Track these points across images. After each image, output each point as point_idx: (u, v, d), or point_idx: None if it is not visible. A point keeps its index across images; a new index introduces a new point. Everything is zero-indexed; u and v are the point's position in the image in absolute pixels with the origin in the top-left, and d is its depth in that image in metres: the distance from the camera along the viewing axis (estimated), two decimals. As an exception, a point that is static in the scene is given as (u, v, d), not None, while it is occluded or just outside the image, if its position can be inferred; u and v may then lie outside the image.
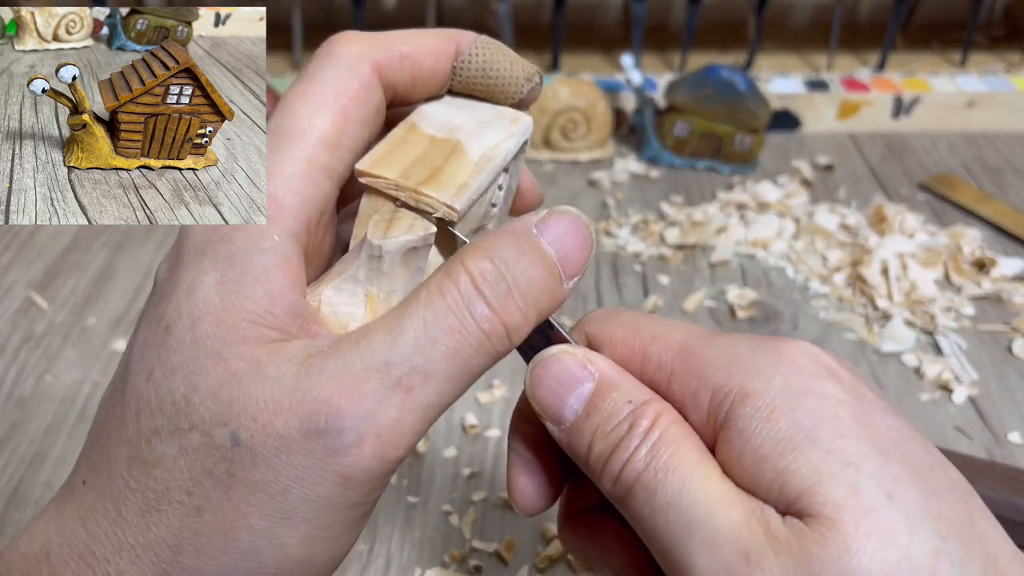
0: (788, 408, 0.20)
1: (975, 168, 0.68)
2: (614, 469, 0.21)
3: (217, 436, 0.19)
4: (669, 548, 0.20)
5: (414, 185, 0.23)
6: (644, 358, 0.23)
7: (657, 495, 0.20)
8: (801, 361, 0.21)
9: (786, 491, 0.19)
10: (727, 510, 0.19)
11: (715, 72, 0.64)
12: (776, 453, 0.19)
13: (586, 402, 0.22)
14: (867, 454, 0.19)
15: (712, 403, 0.21)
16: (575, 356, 0.22)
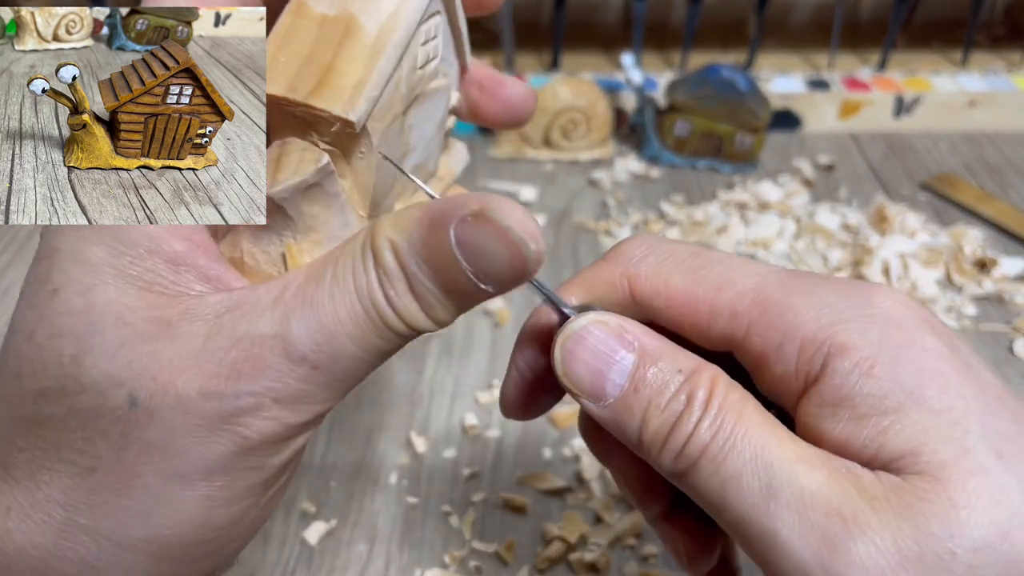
0: (889, 363, 0.19)
1: (976, 168, 0.68)
2: (676, 445, 0.20)
3: (112, 397, 0.19)
4: (745, 517, 0.19)
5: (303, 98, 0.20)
6: (712, 311, 0.21)
7: (727, 465, 0.19)
8: (897, 312, 0.20)
9: (886, 450, 0.18)
10: (809, 471, 0.18)
11: (716, 71, 0.64)
12: (878, 411, 0.19)
13: (631, 376, 0.20)
14: (975, 412, 0.18)
15: (801, 356, 0.20)
16: (608, 326, 0.21)
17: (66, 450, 0.19)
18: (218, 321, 0.19)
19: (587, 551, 0.37)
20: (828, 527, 0.18)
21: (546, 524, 0.39)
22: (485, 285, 0.20)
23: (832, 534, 0.17)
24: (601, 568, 0.37)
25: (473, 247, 0.19)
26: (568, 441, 0.43)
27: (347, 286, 0.20)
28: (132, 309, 0.19)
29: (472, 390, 0.46)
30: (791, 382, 0.20)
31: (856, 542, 0.17)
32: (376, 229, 0.20)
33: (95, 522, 0.19)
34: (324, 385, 0.20)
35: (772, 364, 0.20)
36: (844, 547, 0.17)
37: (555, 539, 0.38)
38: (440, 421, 0.44)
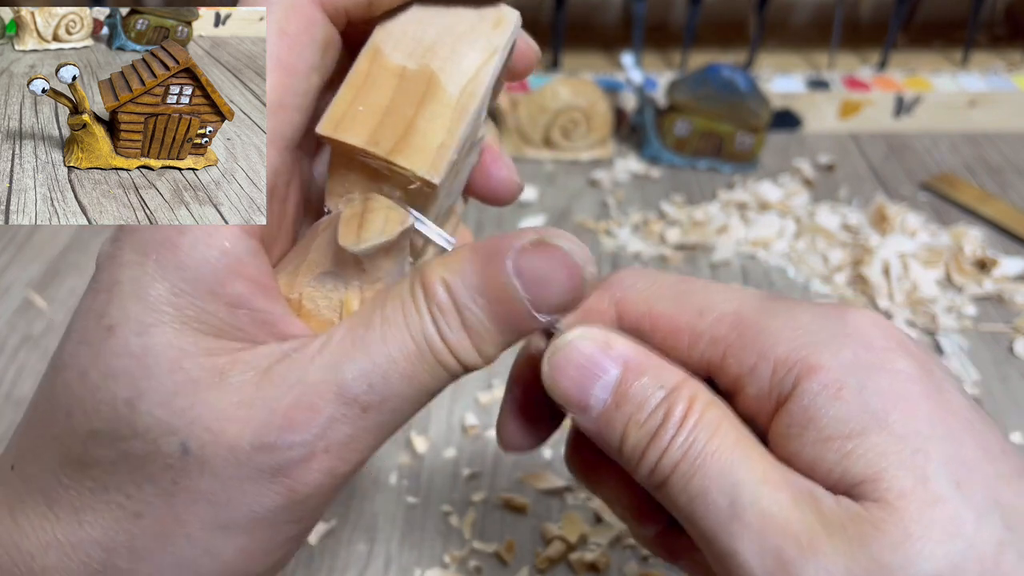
0: (857, 386, 0.19)
1: (977, 168, 0.68)
2: (651, 460, 0.20)
3: (164, 445, 0.19)
4: (711, 533, 0.19)
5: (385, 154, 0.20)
6: (693, 335, 0.22)
7: (694, 481, 0.19)
8: (870, 333, 0.20)
9: (849, 475, 0.18)
10: (773, 492, 0.19)
11: (716, 71, 0.64)
12: (842, 435, 0.19)
13: (614, 391, 0.21)
14: (938, 438, 0.18)
15: (774, 376, 0.20)
16: (595, 341, 0.21)
17: (114, 492, 0.19)
18: (270, 371, 0.19)
19: (587, 551, 0.37)
20: (784, 550, 0.18)
21: (546, 524, 0.39)
22: (541, 315, 0.20)
23: (787, 558, 0.18)
24: (601, 568, 0.37)
25: (532, 275, 0.20)
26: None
27: (399, 325, 0.20)
28: (188, 355, 0.19)
29: (472, 390, 0.46)
30: (764, 403, 0.20)
31: (809, 566, 0.18)
32: (426, 270, 0.20)
33: (133, 567, 0.19)
34: (373, 429, 0.20)
35: (747, 385, 0.21)
36: (797, 571, 0.18)
37: (555, 539, 0.38)
38: (440, 421, 0.44)
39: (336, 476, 0.20)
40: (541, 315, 0.20)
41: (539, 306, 0.20)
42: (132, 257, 0.19)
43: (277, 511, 0.19)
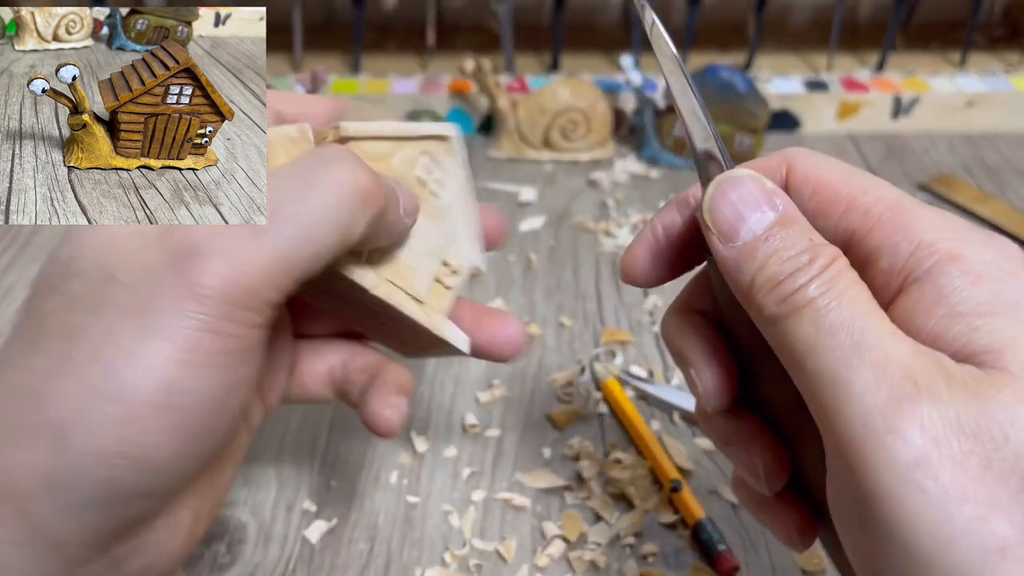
0: (995, 279, 0.20)
1: (974, 168, 0.68)
2: (786, 290, 0.21)
3: (95, 276, 0.22)
4: (827, 367, 0.20)
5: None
6: (850, 203, 0.23)
7: (829, 316, 0.20)
8: (1012, 250, 0.21)
9: (974, 345, 0.19)
10: (898, 342, 0.20)
11: (715, 72, 0.64)
12: (975, 313, 0.20)
13: (768, 226, 0.22)
14: None
15: (913, 255, 0.21)
16: (763, 184, 0.23)
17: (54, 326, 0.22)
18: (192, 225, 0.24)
19: (587, 550, 0.38)
20: (901, 387, 0.19)
21: (546, 523, 0.39)
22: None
23: (903, 394, 0.19)
24: (601, 567, 0.37)
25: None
26: (568, 440, 0.43)
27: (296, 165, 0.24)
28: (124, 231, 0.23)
29: (472, 390, 0.46)
30: (893, 277, 0.22)
31: (922, 404, 0.18)
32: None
33: (71, 387, 0.21)
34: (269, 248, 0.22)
35: (881, 257, 0.22)
36: (911, 406, 0.18)
37: (555, 538, 0.38)
38: (440, 420, 0.44)
39: (238, 286, 0.22)
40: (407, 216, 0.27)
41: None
42: None
43: (186, 313, 0.21)
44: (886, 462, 0.18)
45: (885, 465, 0.18)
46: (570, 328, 0.51)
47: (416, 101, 0.72)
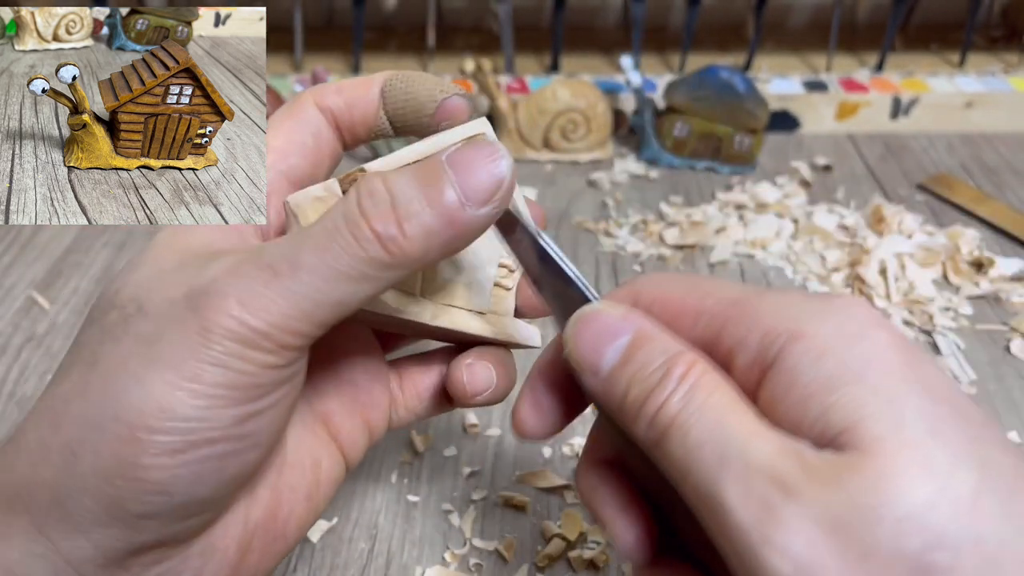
0: (839, 349, 0.20)
1: (973, 168, 0.68)
2: (649, 412, 0.21)
3: (129, 309, 0.23)
4: (702, 485, 0.20)
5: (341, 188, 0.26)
6: (697, 312, 0.23)
7: (691, 434, 0.20)
8: (854, 310, 0.21)
9: (830, 427, 0.19)
10: (761, 444, 0.19)
11: (714, 73, 0.65)
12: (823, 391, 0.20)
13: (623, 352, 0.23)
14: (915, 394, 0.19)
15: (762, 345, 0.21)
16: (615, 312, 0.23)
17: (84, 355, 0.23)
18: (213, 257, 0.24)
19: (587, 549, 0.38)
20: (768, 495, 0.19)
21: (546, 522, 0.39)
22: (468, 204, 0.23)
23: (771, 503, 0.18)
24: (600, 565, 0.37)
25: (461, 160, 0.23)
26: (568, 439, 0.43)
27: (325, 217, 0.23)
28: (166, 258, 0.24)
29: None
30: (753, 372, 0.21)
31: (789, 509, 0.18)
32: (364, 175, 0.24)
33: (83, 409, 0.22)
34: (284, 295, 0.22)
35: (737, 356, 0.22)
36: (780, 513, 0.18)
37: (555, 537, 0.38)
38: (440, 420, 0.44)
39: (247, 328, 0.22)
40: (468, 205, 0.23)
41: (466, 190, 0.23)
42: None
43: (195, 346, 0.22)
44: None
45: None
46: (570, 328, 0.51)
47: (416, 101, 0.72)
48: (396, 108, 0.30)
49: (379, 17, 0.88)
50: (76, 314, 0.51)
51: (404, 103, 0.29)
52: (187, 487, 0.23)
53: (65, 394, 0.23)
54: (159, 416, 0.22)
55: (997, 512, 0.18)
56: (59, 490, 0.22)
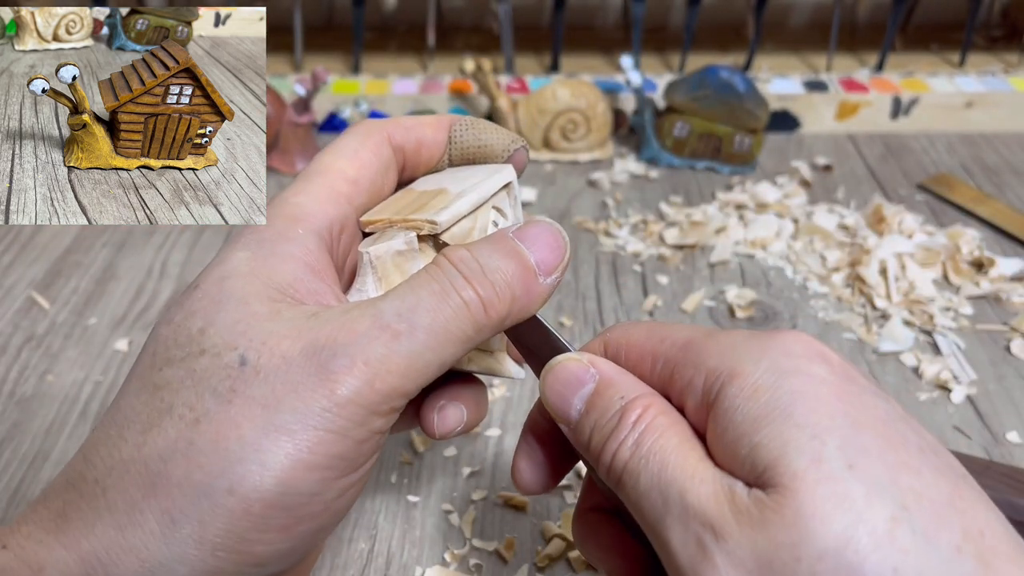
0: (770, 386, 0.21)
1: (973, 168, 0.68)
2: (607, 459, 0.22)
3: (226, 357, 0.22)
4: (652, 527, 0.21)
5: (403, 216, 0.27)
6: (654, 357, 0.24)
7: (641, 479, 0.21)
8: (792, 345, 0.22)
9: (756, 464, 0.20)
10: (698, 487, 0.20)
11: (714, 73, 0.65)
12: (752, 429, 0.20)
13: (587, 401, 0.24)
14: (838, 428, 0.19)
15: (705, 386, 0.22)
16: (580, 361, 0.25)
17: (178, 407, 0.21)
18: (318, 314, 0.23)
19: (586, 549, 0.38)
20: (702, 537, 0.20)
21: (546, 522, 0.39)
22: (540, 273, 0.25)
23: (704, 544, 0.19)
24: (600, 566, 0.37)
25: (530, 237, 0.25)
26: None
27: (425, 279, 0.23)
28: (254, 296, 0.23)
29: (471, 389, 0.46)
30: (701, 412, 0.22)
31: (720, 551, 0.19)
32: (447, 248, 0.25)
33: (187, 472, 0.21)
34: (404, 354, 0.22)
35: (687, 398, 0.23)
36: (712, 555, 0.19)
37: (555, 537, 0.38)
38: (439, 420, 0.44)
39: (374, 391, 0.22)
40: (541, 275, 0.25)
41: (539, 262, 0.25)
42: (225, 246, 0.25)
43: (320, 414, 0.21)
44: None
45: None
46: (570, 328, 0.51)
47: (416, 101, 0.72)
48: (465, 152, 0.31)
49: (379, 17, 0.88)
50: (76, 314, 0.52)
51: (477, 150, 0.31)
52: (281, 559, 0.22)
53: (161, 452, 0.21)
54: (277, 490, 0.21)
55: (917, 542, 0.18)
56: (149, 560, 0.21)
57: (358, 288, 0.27)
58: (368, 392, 0.22)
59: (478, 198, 0.28)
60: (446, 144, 0.30)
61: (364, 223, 0.28)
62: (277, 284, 0.23)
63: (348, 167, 0.27)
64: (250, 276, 0.23)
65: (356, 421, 0.22)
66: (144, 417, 0.22)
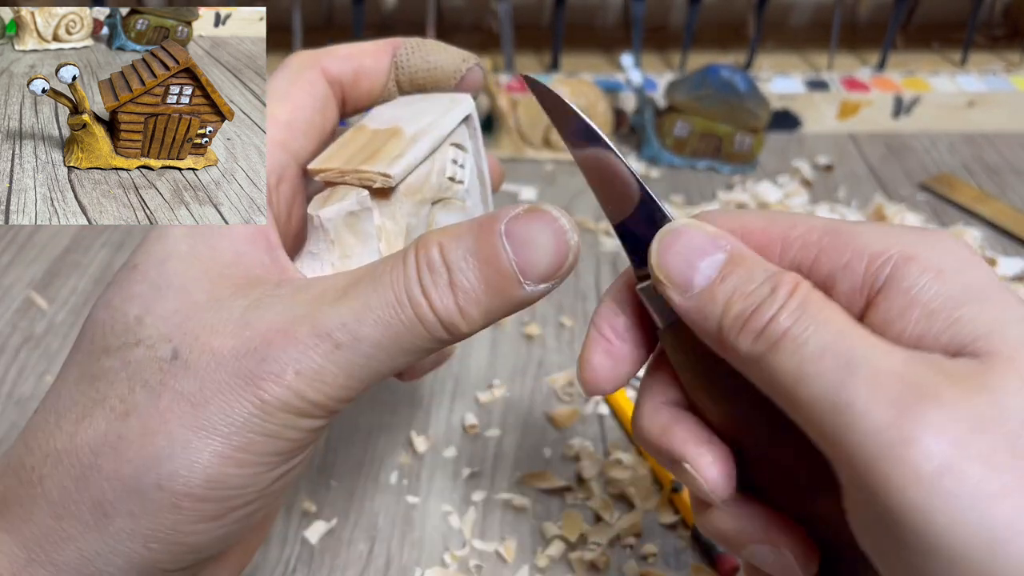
0: (956, 271, 0.20)
1: (975, 168, 0.68)
2: (757, 325, 0.20)
3: (160, 350, 0.21)
4: (823, 395, 0.19)
5: (354, 167, 0.25)
6: (785, 243, 0.22)
7: (809, 344, 0.19)
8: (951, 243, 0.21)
9: (959, 337, 0.19)
10: (888, 353, 0.19)
11: (715, 72, 0.64)
12: (950, 306, 0.20)
13: (720, 267, 0.21)
14: None
15: (868, 269, 0.21)
16: (705, 229, 0.22)
17: (111, 398, 0.21)
18: (260, 301, 0.22)
19: (587, 550, 0.38)
20: (905, 397, 0.18)
21: (546, 523, 0.39)
22: (526, 281, 0.22)
23: (909, 403, 0.18)
24: (601, 567, 0.37)
25: (521, 237, 0.22)
26: (568, 441, 0.43)
27: (384, 281, 0.22)
28: (194, 282, 0.22)
29: (472, 390, 0.46)
30: (856, 296, 0.21)
31: (931, 409, 0.18)
32: (425, 236, 0.22)
33: (117, 466, 0.21)
34: (344, 366, 0.21)
35: (838, 282, 0.21)
36: (920, 414, 0.18)
37: (555, 538, 0.38)
38: (440, 421, 0.44)
39: (304, 400, 0.21)
40: (526, 282, 0.22)
41: (525, 269, 0.22)
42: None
43: (249, 419, 0.21)
44: (909, 477, 0.17)
45: (909, 480, 0.17)
46: (570, 328, 0.51)
47: (416, 101, 0.72)
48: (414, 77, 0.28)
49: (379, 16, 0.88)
50: (74, 314, 0.51)
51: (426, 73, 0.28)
52: (217, 544, 0.22)
53: (92, 444, 0.21)
54: (206, 486, 0.21)
55: None
56: (87, 550, 0.21)
57: (311, 251, 0.25)
58: (298, 401, 0.21)
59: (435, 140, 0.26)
60: (389, 72, 0.28)
61: (312, 171, 0.26)
62: (219, 263, 0.23)
63: (279, 110, 0.26)
64: (190, 257, 0.22)
65: (287, 425, 0.21)
66: (80, 407, 0.22)
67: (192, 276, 0.22)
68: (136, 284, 0.22)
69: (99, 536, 0.21)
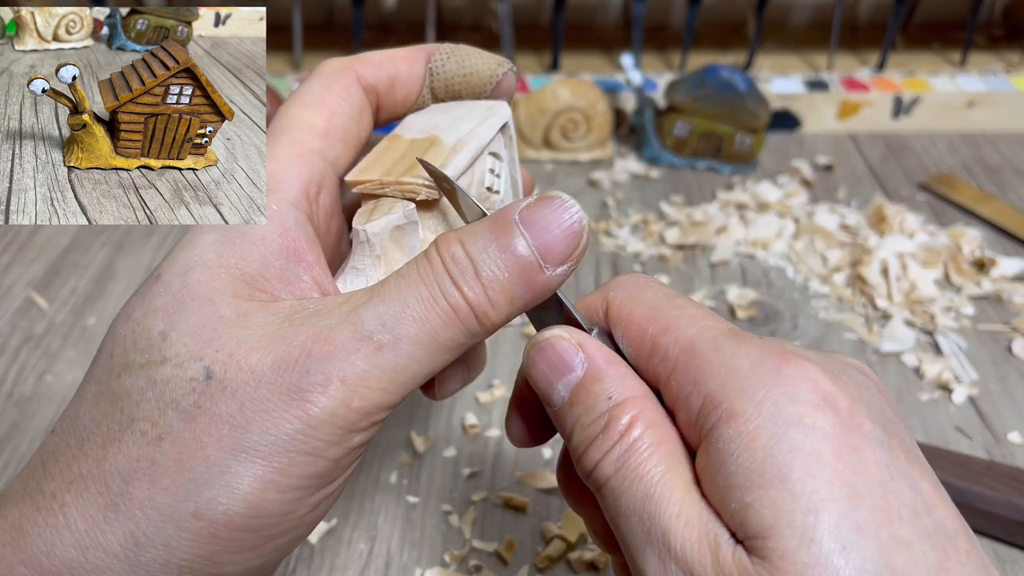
0: (769, 438, 0.19)
1: (975, 168, 0.68)
2: (588, 464, 0.21)
3: (190, 369, 0.20)
4: (629, 550, 0.20)
5: (395, 178, 0.24)
6: (653, 347, 0.22)
7: (622, 501, 0.20)
8: (799, 386, 0.20)
9: (745, 527, 0.19)
10: (683, 530, 0.19)
11: (715, 72, 0.64)
12: (744, 485, 0.19)
13: (572, 390, 0.22)
14: (835, 499, 0.18)
15: (701, 411, 0.20)
16: (568, 342, 0.23)
17: (140, 421, 0.20)
18: (291, 316, 0.21)
19: (586, 550, 0.38)
20: None
21: (546, 523, 0.39)
22: (547, 266, 0.22)
23: None
24: (600, 567, 0.37)
25: (537, 224, 0.22)
26: (568, 441, 0.43)
27: (414, 279, 0.22)
28: (220, 294, 0.21)
29: (472, 390, 0.46)
30: (692, 431, 0.21)
31: None
32: (443, 236, 0.22)
33: (151, 494, 0.20)
34: (388, 368, 0.21)
35: (680, 411, 0.21)
36: None
37: (555, 538, 0.38)
38: (440, 421, 0.44)
39: (350, 410, 0.20)
40: (547, 266, 0.22)
41: (544, 253, 0.22)
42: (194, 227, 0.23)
43: (293, 437, 0.20)
44: None
45: None
46: (570, 328, 0.51)
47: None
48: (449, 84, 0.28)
49: (379, 16, 0.88)
50: (74, 314, 0.51)
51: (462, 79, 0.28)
52: (253, 573, 0.22)
53: (122, 471, 0.20)
54: (246, 514, 0.20)
55: None
56: None
57: (355, 267, 0.24)
58: (345, 411, 0.20)
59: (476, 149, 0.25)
60: (424, 78, 0.28)
61: (351, 183, 0.25)
62: (246, 275, 0.22)
63: (316, 118, 0.25)
64: (216, 267, 0.21)
65: (332, 441, 0.20)
66: (104, 429, 0.20)
67: (217, 288, 0.21)
68: (159, 296, 0.21)
69: (128, 568, 0.20)
